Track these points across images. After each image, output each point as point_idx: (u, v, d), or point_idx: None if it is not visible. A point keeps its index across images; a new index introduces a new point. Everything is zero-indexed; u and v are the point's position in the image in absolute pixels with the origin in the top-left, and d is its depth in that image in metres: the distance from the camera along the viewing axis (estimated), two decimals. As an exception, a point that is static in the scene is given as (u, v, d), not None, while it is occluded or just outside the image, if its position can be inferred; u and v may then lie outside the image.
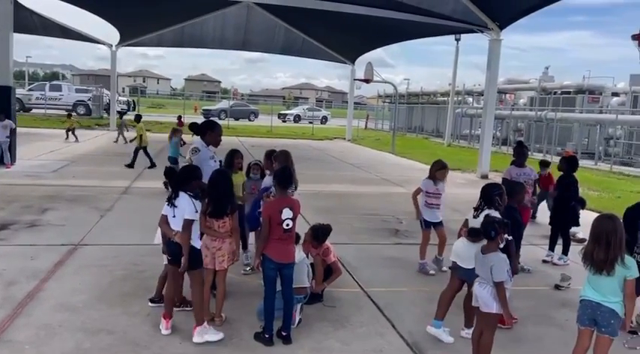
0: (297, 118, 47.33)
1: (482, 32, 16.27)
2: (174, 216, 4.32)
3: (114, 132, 25.29)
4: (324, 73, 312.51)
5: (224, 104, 45.67)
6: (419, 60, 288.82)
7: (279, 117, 46.03)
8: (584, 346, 3.77)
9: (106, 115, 31.17)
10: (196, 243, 4.39)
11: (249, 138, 25.05)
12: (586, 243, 3.74)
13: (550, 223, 7.30)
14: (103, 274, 5.73)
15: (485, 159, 16.33)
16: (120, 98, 39.37)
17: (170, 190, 4.53)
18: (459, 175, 16.69)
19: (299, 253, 4.83)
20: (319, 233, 5.45)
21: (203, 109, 43.46)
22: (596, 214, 4.09)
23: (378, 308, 5.23)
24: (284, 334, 4.33)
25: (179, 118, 20.82)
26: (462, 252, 4.60)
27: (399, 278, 6.19)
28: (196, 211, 4.31)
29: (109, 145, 19.67)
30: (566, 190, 7.11)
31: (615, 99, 26.57)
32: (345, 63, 29.31)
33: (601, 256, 3.56)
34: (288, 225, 4.28)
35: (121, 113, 23.17)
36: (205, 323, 4.34)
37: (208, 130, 5.57)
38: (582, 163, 20.44)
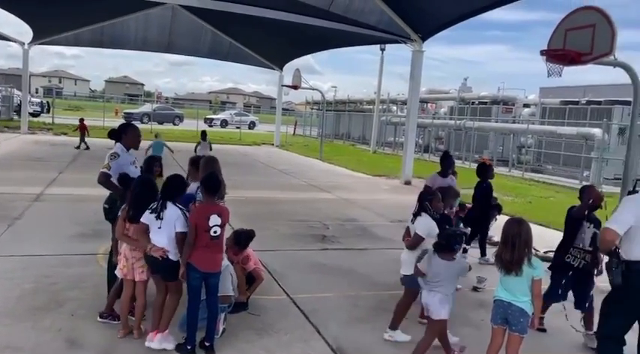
0: (224, 123, 46.64)
1: (405, 43, 16.83)
2: (159, 227, 4.19)
3: (25, 135, 23.78)
4: (252, 78, 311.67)
5: (147, 107, 44.13)
6: (346, 68, 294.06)
7: (205, 121, 45.12)
8: (497, 344, 3.94)
9: (16, 117, 29.21)
10: (173, 256, 4.24)
11: (173, 143, 24.32)
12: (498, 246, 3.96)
13: (468, 226, 7.65)
14: (11, 288, 5.33)
15: (408, 166, 16.85)
16: (32, 99, 36.99)
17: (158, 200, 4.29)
18: (383, 181, 17.12)
19: (223, 260, 4.73)
20: (242, 238, 5.38)
21: (124, 113, 41.77)
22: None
23: (304, 314, 5.23)
24: (207, 344, 4.22)
25: (81, 120, 20.14)
26: (404, 261, 4.79)
27: (325, 284, 6.23)
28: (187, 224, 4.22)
29: (21, 149, 18.41)
30: (482, 196, 7.50)
31: (526, 110, 28.36)
32: (273, 69, 29.30)
33: (507, 258, 3.75)
34: (215, 232, 4.17)
35: (34, 115, 21.75)
36: (167, 331, 4.28)
37: (123, 134, 5.34)
38: (498, 170, 21.57)
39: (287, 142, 31.43)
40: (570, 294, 5.29)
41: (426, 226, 4.70)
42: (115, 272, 4.54)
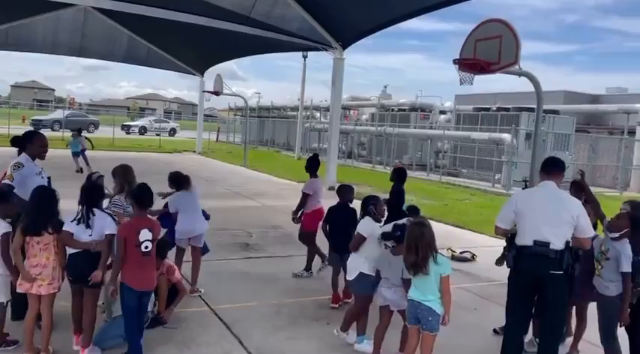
0: (143, 130, 45.01)
1: (326, 51, 17.06)
2: (90, 235, 4.11)
3: None
4: (173, 84, 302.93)
5: (58, 114, 41.70)
6: (270, 74, 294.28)
7: (122, 128, 43.34)
8: (413, 343, 4.10)
9: None
10: None
11: (87, 151, 23.10)
12: None
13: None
14: None
15: (331, 171, 17.05)
16: None
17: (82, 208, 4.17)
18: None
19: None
20: (160, 248, 5.19)
21: (32, 120, 39.13)
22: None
23: (226, 326, 5.11)
24: None
25: None
26: (349, 266, 4.89)
27: (248, 293, 6.13)
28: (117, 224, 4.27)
29: None
30: (396, 199, 7.74)
31: (443, 116, 29.66)
32: (194, 74, 28.68)
33: (412, 260, 3.92)
34: (147, 247, 4.07)
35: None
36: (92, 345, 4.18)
37: (28, 143, 5.00)
38: (416, 174, 22.47)
39: (210, 148, 30.85)
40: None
41: (368, 227, 4.76)
42: (17, 289, 4.19)
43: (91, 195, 4.27)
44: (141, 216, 4.21)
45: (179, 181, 6.06)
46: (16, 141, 5.15)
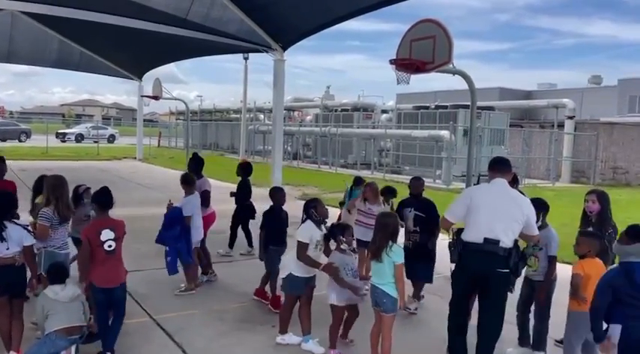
0: (80, 138, 43.27)
1: (267, 52, 16.98)
2: (7, 248, 4.06)
3: None
4: (111, 89, 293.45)
5: (-14, 124, 39.47)
6: (212, 77, 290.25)
7: (57, 136, 41.53)
8: (378, 325, 4.39)
9: None
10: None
11: (19, 161, 21.99)
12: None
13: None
14: None
15: (277, 173, 16.98)
16: None
17: None
18: (254, 189, 17.05)
19: (72, 288, 4.35)
20: None
21: (-42, 130, 36.96)
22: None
23: (168, 335, 5.00)
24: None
25: None
26: (283, 264, 5.05)
27: (190, 301, 6.01)
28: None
29: None
30: (242, 192, 8.74)
31: (384, 115, 30.21)
32: (132, 78, 27.84)
33: (372, 247, 4.35)
34: (110, 246, 4.32)
35: None
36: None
37: None
38: (362, 173, 22.76)
39: (151, 154, 30.06)
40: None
41: (307, 232, 4.79)
42: None
43: (1, 206, 4.17)
44: (102, 217, 4.45)
45: (192, 182, 6.45)
46: None
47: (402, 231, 5.40)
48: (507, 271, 4.14)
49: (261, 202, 6.91)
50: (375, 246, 4.30)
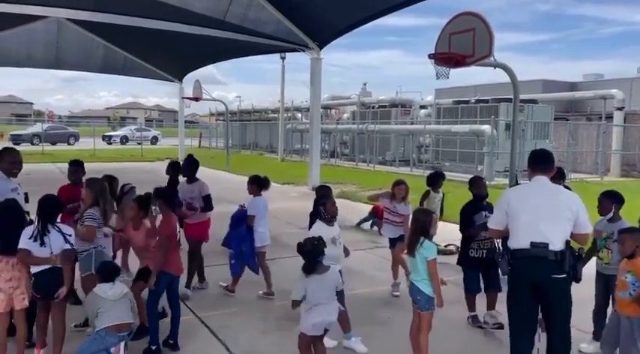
0: (125, 140, 44.63)
1: (304, 51, 17.06)
2: (51, 252, 4.15)
3: None
4: (153, 91, 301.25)
5: (37, 128, 41.15)
6: (250, 77, 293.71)
7: (103, 139, 42.94)
8: (414, 321, 4.37)
9: None
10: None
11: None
12: None
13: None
14: None
15: (315, 172, 17.06)
16: None
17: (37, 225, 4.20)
18: (291, 188, 17.19)
19: (120, 286, 4.49)
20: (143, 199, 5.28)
21: (11, 135, 38.68)
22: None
23: (212, 332, 5.09)
24: (171, 342, 4.68)
25: None
26: None
27: (233, 299, 6.10)
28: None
29: None
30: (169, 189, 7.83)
31: (423, 111, 29.82)
32: (173, 81, 28.49)
33: (407, 241, 4.33)
34: (179, 238, 4.83)
35: None
36: None
37: None
38: (400, 169, 22.57)
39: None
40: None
41: (320, 233, 4.67)
42: None
43: (46, 209, 4.26)
44: (170, 213, 4.82)
45: (262, 183, 6.39)
46: None
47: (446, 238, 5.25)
48: (564, 276, 3.73)
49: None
50: (407, 241, 4.37)
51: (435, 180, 7.76)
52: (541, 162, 4.03)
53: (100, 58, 25.76)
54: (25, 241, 4.10)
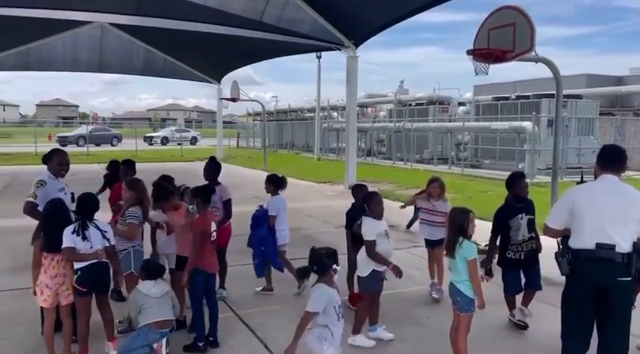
0: (165, 141, 45.66)
1: (339, 50, 17.04)
2: (91, 248, 4.29)
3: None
4: (192, 93, 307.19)
5: (82, 130, 42.59)
6: (286, 77, 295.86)
7: (144, 140, 44.03)
8: (453, 323, 4.31)
9: (-62, 149, 27.47)
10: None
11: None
12: None
13: None
14: None
15: (351, 170, 17.02)
16: (-45, 129, 34.97)
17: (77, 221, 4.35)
18: (328, 187, 17.21)
19: (162, 284, 4.60)
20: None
21: (58, 137, 40.14)
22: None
23: (251, 330, 5.14)
24: (211, 339, 4.73)
25: None
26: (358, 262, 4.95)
27: (271, 297, 6.16)
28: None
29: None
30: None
31: (461, 108, 29.35)
32: (211, 82, 28.95)
33: (445, 241, 4.30)
34: (213, 237, 4.80)
35: None
36: None
37: (48, 160, 5.11)
38: (438, 168, 22.27)
39: (231, 155, 31.10)
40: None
41: (372, 229, 4.77)
42: (40, 305, 4.36)
43: (85, 206, 4.40)
44: (207, 211, 4.86)
45: (279, 182, 6.40)
46: (44, 158, 5.29)
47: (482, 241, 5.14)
48: (629, 279, 3.59)
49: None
50: (446, 241, 4.29)
51: (518, 182, 7.05)
52: (613, 160, 3.85)
53: (141, 61, 26.42)
54: (68, 238, 4.22)
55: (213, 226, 4.82)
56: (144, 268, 4.58)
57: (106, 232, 4.42)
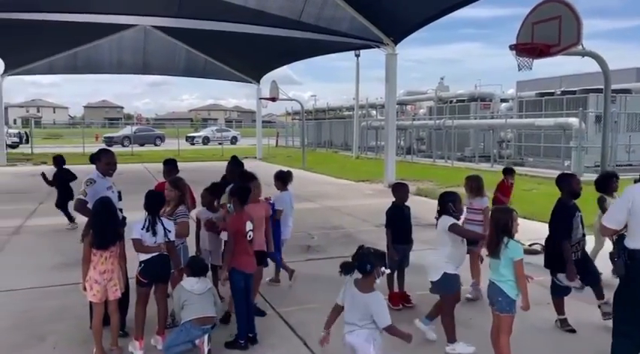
0: (206, 140, 46.52)
1: (378, 47, 16.93)
2: (155, 242, 4.53)
3: (4, 167, 23.42)
4: (232, 93, 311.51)
5: (127, 130, 43.86)
6: (325, 76, 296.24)
7: (186, 140, 44.97)
8: (494, 324, 4.20)
9: (-6, 150, 28.81)
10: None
11: (156, 164, 24.16)
12: None
13: None
14: (-12, 326, 5.21)
15: (390, 169, 16.90)
16: (10, 131, 36.64)
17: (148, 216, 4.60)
18: (367, 186, 17.14)
19: (205, 281, 4.69)
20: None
21: (104, 137, 41.49)
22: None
23: (290, 328, 5.17)
24: (250, 335, 4.73)
25: None
26: (431, 265, 4.78)
27: (311, 295, 6.16)
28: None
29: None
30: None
31: (504, 104, 28.65)
32: (251, 82, 29.30)
33: (487, 241, 4.19)
34: (250, 236, 4.74)
35: (12, 146, 21.36)
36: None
37: (97, 160, 5.28)
38: (480, 165, 21.83)
39: (270, 154, 31.40)
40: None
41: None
42: (90, 300, 4.50)
43: (154, 202, 4.67)
44: (243, 210, 4.81)
45: (286, 178, 6.61)
46: (91, 158, 5.47)
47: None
48: None
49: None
50: (488, 242, 4.16)
51: (608, 183, 6.73)
52: None
53: (183, 62, 27.03)
54: (138, 232, 4.51)
55: (249, 226, 4.78)
56: (189, 265, 4.70)
57: (169, 231, 4.64)
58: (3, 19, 14.93)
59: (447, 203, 4.70)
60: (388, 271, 3.78)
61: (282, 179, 6.62)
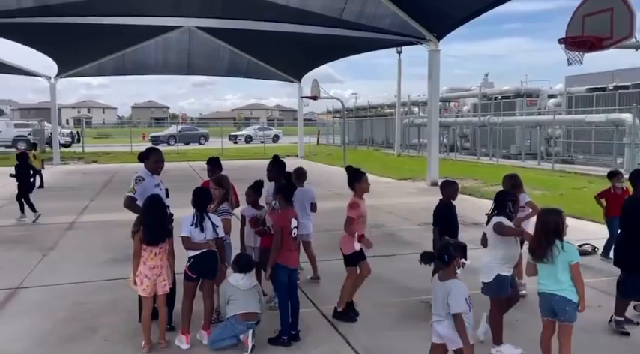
0: (249, 139, 47.19)
1: (421, 44, 16.72)
2: (204, 238, 4.63)
3: (58, 166, 24.45)
4: (274, 92, 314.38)
5: (172, 129, 45.01)
6: (366, 74, 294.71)
7: (229, 139, 45.71)
8: (547, 335, 4.05)
9: (49, 149, 30.13)
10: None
11: (200, 162, 24.69)
12: None
13: None
14: (45, 318, 5.45)
15: (433, 167, 16.67)
16: (63, 131, 38.20)
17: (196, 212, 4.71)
18: (409, 184, 16.97)
19: (250, 278, 4.77)
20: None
21: (151, 136, 42.69)
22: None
23: (333, 326, 5.18)
24: (293, 332, 4.75)
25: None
26: (484, 266, 4.62)
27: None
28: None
29: (53, 180, 18.92)
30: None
31: (552, 100, 27.77)
32: (292, 81, 29.49)
33: (534, 245, 3.97)
34: (294, 233, 4.83)
35: (65, 146, 22.29)
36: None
37: (145, 159, 5.44)
38: (526, 163, 21.28)
39: (311, 152, 31.52)
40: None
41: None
42: (140, 294, 4.65)
43: (202, 199, 4.76)
44: (288, 208, 4.90)
45: (299, 176, 6.75)
46: (140, 157, 5.65)
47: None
48: None
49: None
50: (535, 245, 3.94)
51: None
52: None
53: (226, 62, 27.46)
54: (187, 228, 4.60)
55: (294, 223, 4.83)
56: (236, 262, 4.79)
57: (217, 227, 4.73)
58: (59, 23, 15.59)
59: (507, 202, 4.55)
60: (468, 262, 3.71)
61: (298, 177, 6.75)
